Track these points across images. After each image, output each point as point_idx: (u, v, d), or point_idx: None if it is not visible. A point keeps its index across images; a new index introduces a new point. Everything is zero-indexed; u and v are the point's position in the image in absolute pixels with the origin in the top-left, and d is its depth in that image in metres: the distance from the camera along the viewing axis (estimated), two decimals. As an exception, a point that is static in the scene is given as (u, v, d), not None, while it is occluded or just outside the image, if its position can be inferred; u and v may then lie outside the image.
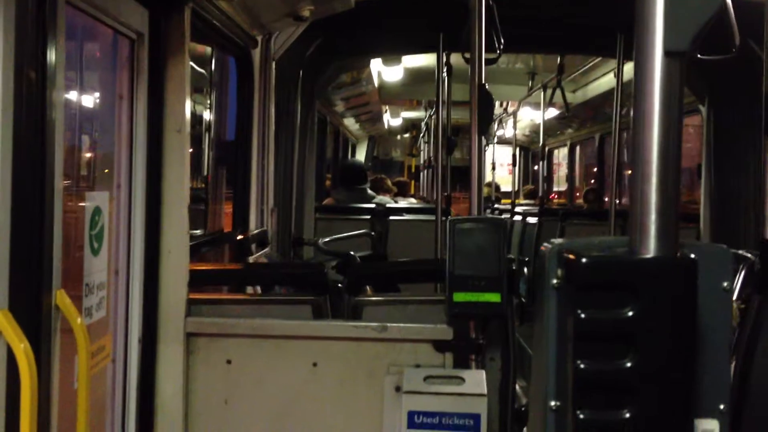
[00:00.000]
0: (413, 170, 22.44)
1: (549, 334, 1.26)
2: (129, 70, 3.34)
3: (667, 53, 1.20)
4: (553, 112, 11.47)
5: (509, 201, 12.08)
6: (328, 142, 12.61)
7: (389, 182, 14.78)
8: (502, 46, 3.99)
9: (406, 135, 21.89)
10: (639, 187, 1.23)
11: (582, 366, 1.20)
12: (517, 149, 13.72)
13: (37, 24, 2.36)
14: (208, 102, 5.45)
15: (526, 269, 3.07)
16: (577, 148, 14.35)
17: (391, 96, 12.49)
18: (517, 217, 10.23)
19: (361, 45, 6.89)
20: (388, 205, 8.58)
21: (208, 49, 5.30)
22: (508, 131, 15.10)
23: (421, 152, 19.81)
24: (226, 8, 4.19)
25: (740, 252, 4.36)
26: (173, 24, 3.46)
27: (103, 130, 3.35)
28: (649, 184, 1.22)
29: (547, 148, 15.12)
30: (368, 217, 8.17)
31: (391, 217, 8.24)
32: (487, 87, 3.51)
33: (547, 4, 5.19)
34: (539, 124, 14.09)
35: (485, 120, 3.47)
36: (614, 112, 7.03)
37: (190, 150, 3.64)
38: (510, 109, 13.44)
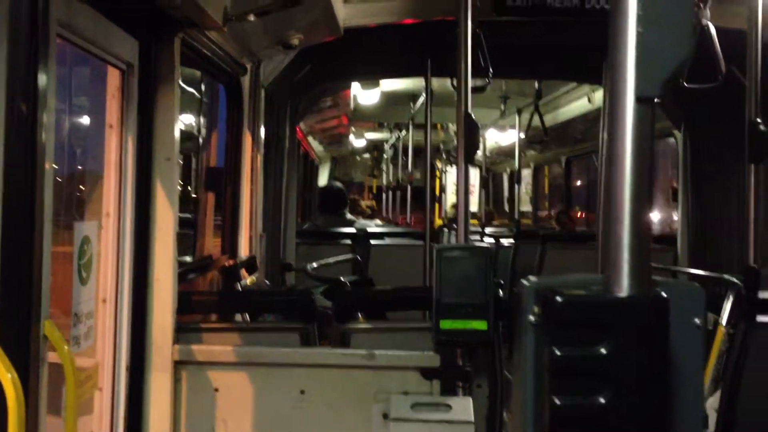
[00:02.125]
0: (374, 191, 22.50)
1: (527, 368, 1.29)
2: (119, 99, 3.37)
3: (639, 99, 1.24)
4: (521, 135, 11.58)
5: (475, 222, 12.03)
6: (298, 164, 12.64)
7: (363, 204, 14.79)
8: (491, 75, 4.03)
9: (366, 156, 21.98)
10: (612, 227, 1.27)
11: (558, 401, 1.23)
12: (477, 171, 13.79)
13: (28, 55, 2.40)
14: (198, 128, 5.48)
15: (501, 292, 3.11)
16: (543, 170, 14.44)
17: (364, 118, 12.58)
18: (489, 239, 10.15)
19: (349, 70, 6.95)
20: (369, 230, 8.59)
21: (198, 76, 5.33)
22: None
23: (384, 173, 19.90)
24: (216, 37, 4.23)
25: (726, 276, 4.40)
26: (163, 54, 3.50)
27: (93, 159, 3.38)
28: (622, 225, 1.25)
29: (509, 170, 15.21)
30: (349, 241, 8.15)
31: (373, 242, 8.22)
32: (473, 116, 3.55)
33: (531, 31, 5.26)
34: (502, 147, 14.18)
35: (471, 148, 3.51)
36: (602, 134, 7.09)
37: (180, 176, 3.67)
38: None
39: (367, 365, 3.39)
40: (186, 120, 5.16)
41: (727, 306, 4.16)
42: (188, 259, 4.70)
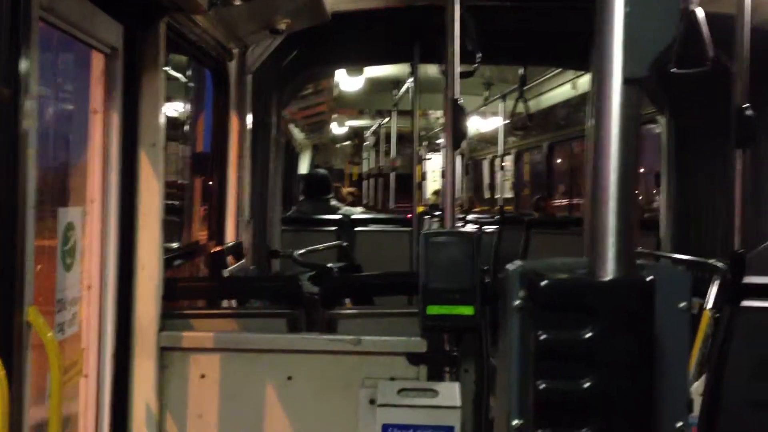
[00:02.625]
0: (354, 178, 22.48)
1: (512, 353, 1.29)
2: (103, 84, 3.35)
3: (626, 81, 1.24)
4: (497, 122, 11.58)
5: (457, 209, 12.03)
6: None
7: (344, 191, 14.77)
8: (479, 59, 4.02)
9: (347, 143, 21.96)
10: (597, 210, 1.26)
11: (543, 385, 1.22)
12: (461, 157, 13.82)
13: (10, 39, 2.37)
14: (185, 113, 5.44)
15: (486, 278, 3.11)
16: (525, 157, 14.45)
17: (347, 105, 12.56)
18: (472, 226, 10.18)
19: (336, 56, 6.92)
20: (353, 216, 8.58)
21: (185, 61, 5.30)
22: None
23: (365, 161, 19.88)
24: (202, 22, 4.20)
25: (712, 261, 4.42)
26: (148, 39, 3.47)
27: (77, 145, 3.35)
28: (607, 209, 1.25)
29: (490, 157, 15.22)
30: (334, 228, 8.15)
31: (358, 228, 8.22)
32: (460, 101, 3.54)
33: (518, 16, 5.25)
34: (483, 134, 14.18)
35: (458, 134, 3.50)
36: (587, 121, 7.09)
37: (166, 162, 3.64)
38: None
39: (354, 351, 3.39)
40: (172, 105, 5.13)
41: (713, 291, 4.18)
42: (175, 245, 4.68)
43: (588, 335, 1.21)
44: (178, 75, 5.15)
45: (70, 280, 3.00)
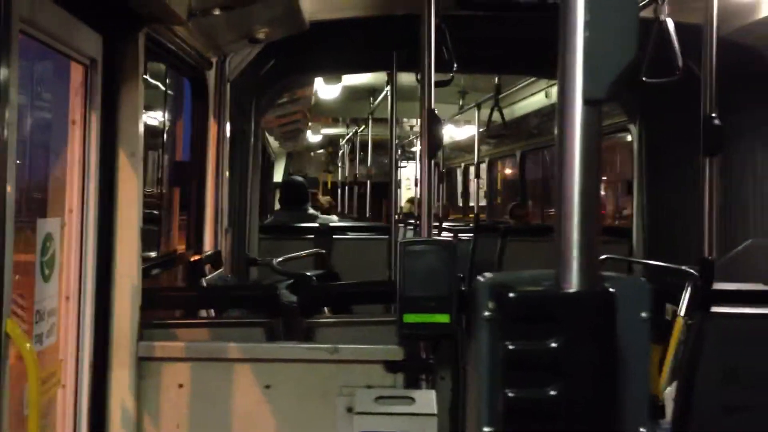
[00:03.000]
0: (329, 186, 22.52)
1: (482, 362, 1.32)
2: (82, 95, 3.36)
3: (586, 102, 1.28)
4: (470, 131, 11.65)
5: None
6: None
7: (322, 199, 14.78)
8: (455, 68, 4.06)
9: (321, 151, 21.98)
10: (562, 225, 1.31)
11: (511, 394, 1.27)
12: (437, 167, 13.92)
13: None
14: (163, 122, 5.45)
15: (462, 286, 3.14)
16: (498, 165, 14.57)
17: (325, 113, 12.59)
18: (447, 234, 10.22)
19: (314, 65, 6.95)
20: (331, 225, 8.59)
21: (164, 70, 5.31)
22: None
23: (340, 169, 19.90)
24: (181, 32, 4.22)
25: (684, 268, 4.49)
26: (127, 49, 3.48)
27: (56, 156, 3.36)
28: (571, 223, 1.30)
29: (463, 165, 15.30)
30: (311, 236, 8.16)
31: (335, 236, 8.24)
32: (436, 111, 3.58)
33: (493, 26, 5.31)
34: (457, 142, 14.27)
35: (434, 143, 3.54)
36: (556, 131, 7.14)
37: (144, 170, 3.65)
38: None
39: (332, 359, 3.42)
40: (151, 114, 5.14)
41: (686, 297, 4.24)
42: (153, 254, 4.68)
43: (553, 345, 1.26)
44: (157, 83, 5.17)
45: (48, 291, 3.01)
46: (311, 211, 8.89)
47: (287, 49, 5.71)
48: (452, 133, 13.66)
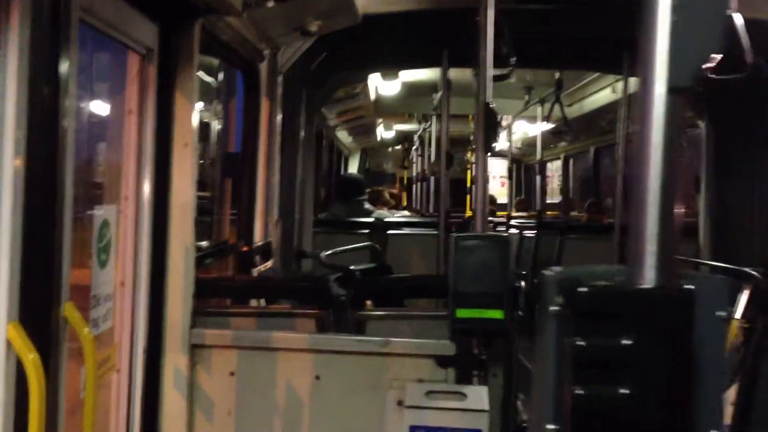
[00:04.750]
0: (405, 182, 22.52)
1: (548, 358, 1.29)
2: (138, 84, 3.39)
3: (671, 90, 1.24)
4: (546, 126, 11.55)
5: (504, 213, 12.09)
6: (323, 154, 12.68)
7: (387, 194, 14.81)
8: (513, 62, 4.01)
9: (398, 147, 21.96)
10: (638, 218, 1.27)
11: (579, 392, 1.23)
12: (509, 162, 13.80)
13: (51, 39, 2.41)
14: (216, 113, 5.49)
15: (523, 283, 3.10)
16: (571, 161, 14.40)
17: (387, 109, 12.57)
18: (514, 231, 10.22)
19: (366, 59, 6.94)
20: (386, 219, 8.62)
21: (216, 63, 5.35)
22: (502, 144, 15.22)
23: (414, 165, 19.87)
24: (235, 23, 4.24)
25: (746, 269, 4.38)
26: (183, 39, 3.51)
27: (112, 144, 3.40)
28: (649, 217, 1.26)
29: (540, 161, 15.16)
30: (366, 231, 8.20)
31: (390, 231, 8.26)
32: (492, 105, 3.55)
33: (552, 20, 5.24)
34: (533, 137, 14.15)
35: (490, 138, 3.51)
36: (621, 126, 7.05)
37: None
38: (504, 123, 13.54)
39: (382, 352, 3.40)
40: (205, 105, 5.18)
41: (742, 299, 4.14)
42: (205, 243, 4.72)
43: (626, 343, 1.22)
44: (211, 78, 5.20)
45: (104, 277, 3.05)
46: (367, 205, 8.93)
47: (339, 42, 5.71)
48: (526, 128, 13.56)
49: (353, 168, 16.74)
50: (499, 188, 17.06)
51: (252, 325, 3.62)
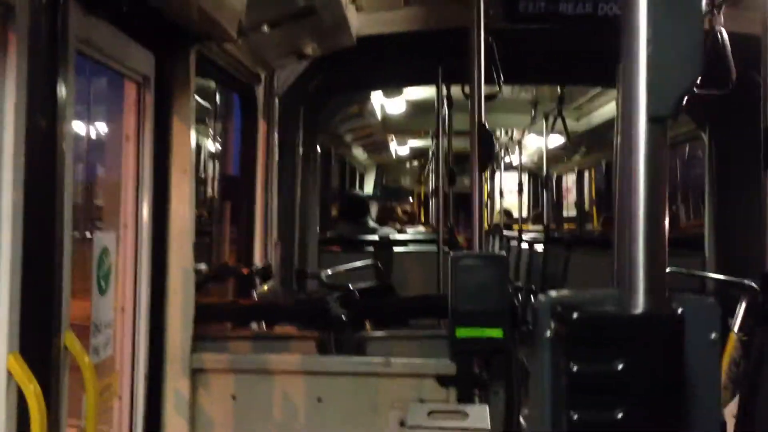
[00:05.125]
0: (422, 198, 22.55)
1: (543, 383, 1.31)
2: (135, 111, 3.41)
3: (651, 119, 1.26)
4: (559, 139, 11.59)
5: (520, 226, 12.13)
6: (334, 172, 12.69)
7: (400, 211, 14.81)
8: (502, 83, 4.05)
9: (416, 163, 21.99)
10: (627, 245, 1.29)
11: (575, 416, 1.25)
12: (526, 175, 13.83)
13: (48, 69, 2.44)
14: (213, 137, 5.52)
15: (533, 298, 3.11)
16: (585, 174, 14.39)
17: (395, 127, 12.61)
18: (525, 245, 10.24)
19: (363, 79, 6.98)
20: (391, 237, 8.65)
21: (215, 85, 5.38)
22: (515, 158, 15.27)
23: (430, 180, 19.92)
24: (230, 49, 4.27)
25: (745, 281, 4.38)
26: (179, 67, 3.53)
27: (110, 171, 3.42)
28: (637, 244, 1.27)
29: (556, 174, 15.19)
30: (371, 249, 8.23)
31: (395, 249, 8.30)
32: (486, 125, 3.57)
33: (546, 37, 5.27)
34: (549, 150, 14.17)
35: (485, 157, 3.53)
36: (615, 140, 7.06)
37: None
38: (516, 137, 13.59)
39: (384, 373, 3.41)
40: (202, 129, 5.21)
41: (740, 311, 4.14)
42: (203, 266, 4.73)
43: (619, 368, 1.23)
44: (207, 102, 5.24)
45: (104, 304, 3.06)
46: (372, 224, 8.96)
47: (335, 63, 5.75)
48: (539, 142, 13.60)
49: (369, 184, 16.77)
50: (516, 201, 17.12)
51: (253, 349, 3.63)
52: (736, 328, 3.88)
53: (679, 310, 1.28)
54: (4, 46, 2.27)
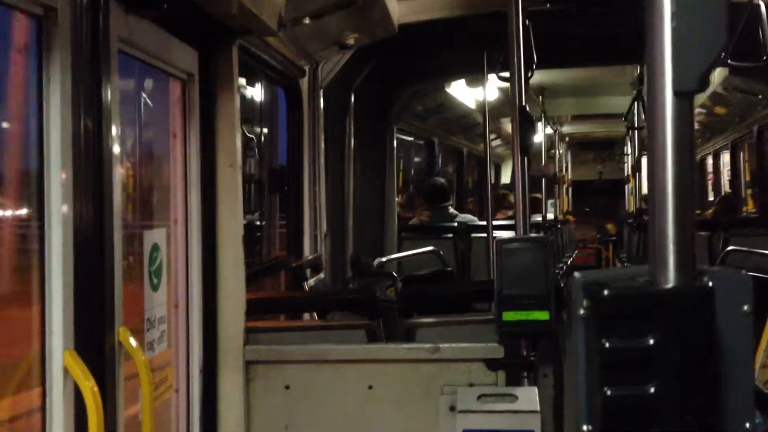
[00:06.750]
0: (567, 185, 22.36)
1: (579, 361, 1.32)
2: (181, 109, 3.47)
3: (677, 94, 1.26)
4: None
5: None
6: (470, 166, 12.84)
7: (511, 198, 14.75)
8: (534, 66, 4.02)
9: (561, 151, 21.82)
10: (656, 221, 1.29)
11: (609, 392, 1.26)
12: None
13: (91, 70, 2.50)
14: (259, 131, 5.58)
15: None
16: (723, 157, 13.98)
17: (497, 114, 12.62)
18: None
19: (409, 67, 6.99)
20: (470, 223, 8.72)
21: (258, 80, 5.44)
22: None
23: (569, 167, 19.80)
24: (273, 42, 4.31)
25: None
26: (222, 62, 3.58)
27: (159, 169, 3.49)
28: (666, 219, 1.28)
29: (699, 158, 14.92)
30: (451, 235, 8.33)
31: (474, 235, 8.36)
32: (527, 108, 3.56)
33: (585, 20, 5.22)
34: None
35: (526, 142, 3.52)
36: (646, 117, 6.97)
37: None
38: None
39: (433, 359, 3.43)
40: (247, 124, 5.27)
41: None
42: (255, 260, 4.80)
43: (650, 342, 1.24)
44: (252, 94, 5.29)
45: (157, 299, 3.13)
46: (451, 210, 9.04)
47: (380, 54, 5.76)
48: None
49: (506, 175, 16.82)
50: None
51: (304, 340, 3.68)
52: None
53: (710, 284, 1.28)
54: (48, 48, 2.33)
